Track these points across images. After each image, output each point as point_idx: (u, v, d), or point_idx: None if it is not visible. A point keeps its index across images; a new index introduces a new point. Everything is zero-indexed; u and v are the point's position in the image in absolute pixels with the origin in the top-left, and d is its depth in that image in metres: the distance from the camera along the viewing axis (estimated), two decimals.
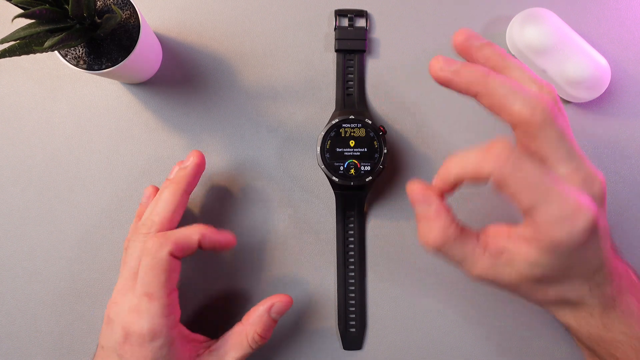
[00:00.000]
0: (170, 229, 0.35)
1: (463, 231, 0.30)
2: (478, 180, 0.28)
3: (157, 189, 0.39)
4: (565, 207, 0.26)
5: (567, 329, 0.34)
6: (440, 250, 0.30)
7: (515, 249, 0.29)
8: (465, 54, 0.30)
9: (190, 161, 0.37)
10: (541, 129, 0.27)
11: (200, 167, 0.37)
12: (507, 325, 0.41)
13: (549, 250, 0.28)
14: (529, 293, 0.31)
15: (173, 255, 0.33)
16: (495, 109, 0.28)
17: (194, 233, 0.34)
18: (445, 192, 0.31)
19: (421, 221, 0.31)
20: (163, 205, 0.35)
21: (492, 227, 0.31)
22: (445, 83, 0.29)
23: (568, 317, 0.33)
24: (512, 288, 0.31)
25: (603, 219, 0.29)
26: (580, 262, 0.29)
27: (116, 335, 0.33)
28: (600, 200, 0.29)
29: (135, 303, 0.32)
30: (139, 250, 0.34)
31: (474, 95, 0.28)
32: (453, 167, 0.29)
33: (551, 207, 0.26)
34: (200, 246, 0.34)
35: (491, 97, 0.28)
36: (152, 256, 0.32)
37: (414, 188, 0.31)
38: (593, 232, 0.27)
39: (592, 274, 0.30)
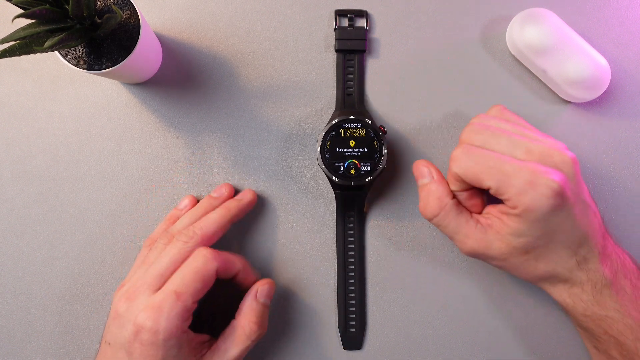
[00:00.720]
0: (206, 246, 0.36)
1: (459, 205, 0.35)
2: (460, 183, 0.35)
3: (196, 201, 0.40)
4: (525, 177, 0.31)
5: (564, 309, 0.36)
6: (437, 219, 0.35)
7: (500, 222, 0.34)
8: None
9: (247, 198, 0.39)
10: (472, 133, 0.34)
11: (251, 206, 0.40)
12: (506, 325, 0.41)
13: (525, 218, 0.32)
14: (521, 267, 0.34)
15: (217, 272, 0.34)
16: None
17: (238, 262, 0.36)
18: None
19: (422, 192, 0.36)
20: (209, 223, 0.36)
21: (485, 208, 0.36)
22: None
23: (563, 294, 0.35)
24: (503, 262, 0.34)
25: (575, 190, 0.33)
26: (558, 230, 0.32)
27: (126, 331, 0.32)
28: (567, 170, 0.32)
29: (160, 299, 0.32)
30: (172, 254, 0.34)
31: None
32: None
33: (512, 181, 0.31)
34: (235, 276, 0.36)
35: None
36: (203, 262, 0.33)
37: (418, 163, 0.36)
38: (560, 196, 0.31)
39: (577, 247, 0.33)
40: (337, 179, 0.38)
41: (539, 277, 0.35)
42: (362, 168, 0.38)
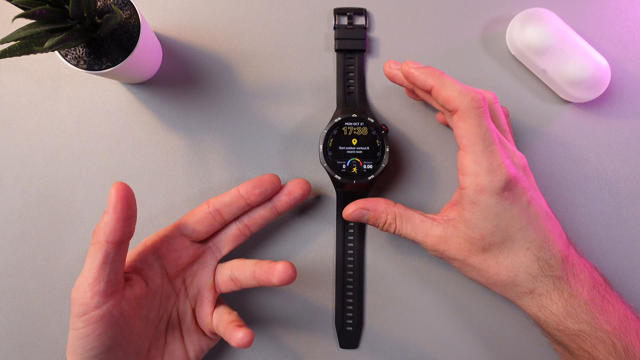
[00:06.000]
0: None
1: (406, 210, 0.37)
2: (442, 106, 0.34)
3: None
4: (492, 162, 0.32)
5: (537, 324, 0.36)
6: (396, 230, 0.36)
7: (456, 214, 0.34)
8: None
9: (297, 193, 0.38)
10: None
11: (303, 199, 0.39)
12: (503, 327, 0.41)
13: (474, 202, 0.33)
14: (482, 269, 0.34)
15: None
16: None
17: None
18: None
19: (372, 222, 0.37)
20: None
21: (442, 208, 0.37)
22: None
23: (532, 307, 0.35)
24: (464, 263, 0.35)
25: (532, 191, 0.34)
26: (512, 226, 0.33)
27: None
28: (520, 169, 0.34)
29: None
30: None
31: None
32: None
33: (485, 158, 0.32)
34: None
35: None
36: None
37: (347, 215, 0.37)
38: (511, 188, 0.32)
39: (537, 250, 0.33)
40: (339, 177, 0.38)
41: (502, 283, 0.34)
42: (364, 166, 0.38)
